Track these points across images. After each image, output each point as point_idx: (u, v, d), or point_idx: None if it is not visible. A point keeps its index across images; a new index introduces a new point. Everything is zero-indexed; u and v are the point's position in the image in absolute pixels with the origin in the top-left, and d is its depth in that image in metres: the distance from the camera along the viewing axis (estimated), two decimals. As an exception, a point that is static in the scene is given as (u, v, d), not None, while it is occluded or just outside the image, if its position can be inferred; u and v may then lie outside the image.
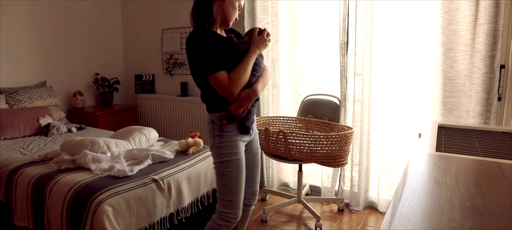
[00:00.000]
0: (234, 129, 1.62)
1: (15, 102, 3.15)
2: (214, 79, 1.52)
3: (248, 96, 1.59)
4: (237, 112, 1.58)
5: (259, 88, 1.63)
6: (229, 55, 1.55)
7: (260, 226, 2.58)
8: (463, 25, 2.33)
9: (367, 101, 2.72)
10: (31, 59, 3.48)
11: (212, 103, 1.61)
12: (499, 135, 1.61)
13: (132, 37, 4.29)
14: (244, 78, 1.55)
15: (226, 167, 1.62)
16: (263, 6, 3.05)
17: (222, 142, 1.61)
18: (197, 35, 1.53)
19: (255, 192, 1.86)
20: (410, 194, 0.89)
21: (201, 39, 1.51)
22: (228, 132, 1.61)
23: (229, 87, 1.52)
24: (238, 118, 1.61)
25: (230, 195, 1.63)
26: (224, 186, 1.63)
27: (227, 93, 1.53)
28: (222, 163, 1.62)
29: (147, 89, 4.17)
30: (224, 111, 1.60)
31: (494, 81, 2.27)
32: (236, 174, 1.62)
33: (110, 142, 2.31)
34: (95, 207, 1.72)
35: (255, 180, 1.85)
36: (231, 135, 1.62)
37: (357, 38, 2.72)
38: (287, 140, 2.32)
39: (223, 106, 1.59)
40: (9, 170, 2.15)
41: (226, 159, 1.61)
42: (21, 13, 3.36)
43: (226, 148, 1.61)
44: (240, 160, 1.64)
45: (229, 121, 1.61)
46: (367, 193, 2.86)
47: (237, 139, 1.64)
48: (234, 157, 1.62)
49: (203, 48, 1.51)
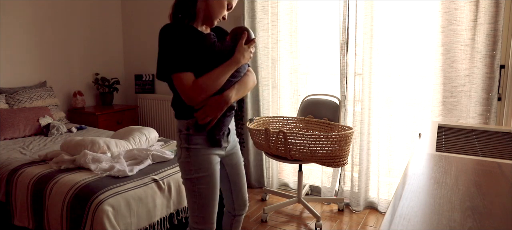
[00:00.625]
0: (202, 141, 1.43)
1: (15, 102, 3.15)
2: (176, 80, 1.33)
3: (217, 104, 1.38)
4: (204, 121, 1.38)
5: (231, 96, 1.40)
6: (202, 55, 1.36)
7: (260, 226, 2.58)
8: (463, 25, 2.33)
9: (367, 101, 2.72)
10: (31, 59, 3.48)
11: (180, 108, 1.43)
12: (499, 135, 1.61)
13: (132, 37, 4.29)
14: (213, 87, 1.35)
15: (196, 184, 1.44)
16: (263, 6, 3.05)
17: (189, 156, 1.43)
18: (170, 27, 1.35)
19: (244, 202, 1.72)
20: (410, 194, 0.89)
21: (172, 33, 1.33)
22: (196, 144, 1.42)
23: (190, 92, 1.32)
24: (207, 128, 1.41)
25: (201, 211, 1.47)
26: (195, 202, 1.46)
27: (188, 98, 1.34)
28: (191, 179, 1.44)
29: (147, 89, 4.17)
30: (191, 119, 1.41)
31: (494, 81, 2.27)
32: (207, 190, 1.45)
33: (110, 142, 2.32)
34: (95, 207, 1.72)
35: (242, 191, 1.70)
36: (199, 148, 1.43)
37: (357, 38, 2.72)
38: (287, 140, 2.32)
39: (190, 113, 1.40)
40: (9, 170, 2.15)
41: (195, 175, 1.43)
42: (21, 13, 3.36)
43: (195, 164, 1.43)
44: (211, 176, 1.45)
45: (197, 131, 1.41)
46: (367, 193, 2.86)
47: (207, 152, 1.44)
48: (204, 173, 1.44)
49: (172, 42, 1.32)
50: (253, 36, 1.48)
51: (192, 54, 1.35)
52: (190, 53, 1.34)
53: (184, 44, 1.34)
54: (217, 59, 1.38)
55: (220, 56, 1.38)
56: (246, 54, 1.43)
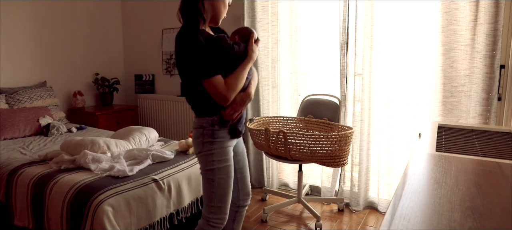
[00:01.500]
0: (225, 134, 1.57)
1: (15, 102, 3.15)
2: (209, 84, 1.45)
3: (242, 100, 1.55)
4: (232, 117, 1.53)
5: (252, 92, 1.60)
6: (225, 58, 1.48)
7: (260, 226, 2.58)
8: (463, 25, 2.33)
9: (367, 101, 2.72)
10: (31, 59, 3.48)
11: (203, 107, 1.54)
12: (499, 135, 1.61)
13: (132, 37, 4.29)
14: (241, 84, 1.52)
15: (217, 174, 1.56)
16: (263, 6, 3.05)
17: (214, 148, 1.55)
18: (191, 34, 1.43)
19: (249, 192, 1.84)
20: (410, 194, 0.89)
21: (196, 39, 1.42)
22: (220, 137, 1.55)
23: (225, 93, 1.47)
24: (231, 122, 1.56)
25: (218, 201, 1.58)
26: (213, 192, 1.58)
27: (223, 99, 1.47)
28: (212, 170, 1.56)
29: (147, 89, 4.17)
30: (216, 116, 1.53)
31: (494, 81, 2.27)
32: (225, 181, 1.58)
33: (110, 142, 2.32)
34: (95, 207, 1.72)
35: (246, 180, 1.82)
36: (223, 141, 1.56)
37: (357, 38, 2.72)
38: (287, 140, 2.32)
39: (215, 110, 1.53)
40: (9, 170, 2.15)
41: (217, 166, 1.56)
42: (21, 13, 3.36)
43: (217, 155, 1.55)
44: (230, 166, 1.59)
45: (221, 126, 1.54)
46: (367, 193, 2.85)
47: (228, 144, 1.59)
48: (225, 163, 1.57)
49: (198, 49, 1.41)
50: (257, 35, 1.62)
51: (216, 58, 1.46)
52: (215, 57, 1.46)
53: (209, 50, 1.44)
54: (236, 59, 1.52)
55: (238, 57, 1.53)
56: (256, 52, 1.59)
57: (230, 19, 3.34)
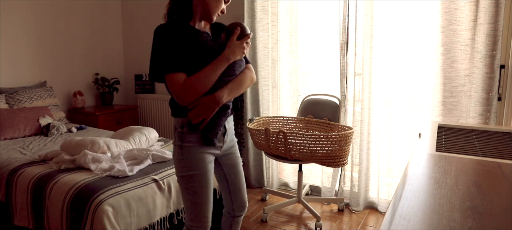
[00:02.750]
0: (196, 139, 1.43)
1: (15, 102, 3.15)
2: (169, 80, 1.34)
3: (208, 104, 1.37)
4: (196, 120, 1.38)
5: (222, 96, 1.38)
6: (194, 54, 1.34)
7: (260, 226, 2.58)
8: (463, 25, 2.33)
9: (367, 101, 2.72)
10: (31, 59, 3.48)
11: (175, 106, 1.43)
12: (499, 135, 1.61)
13: (132, 37, 4.29)
14: (203, 86, 1.34)
15: (189, 181, 1.45)
16: (263, 6, 3.05)
17: (183, 154, 1.44)
18: (162, 28, 1.35)
19: (243, 203, 1.72)
20: (410, 194, 0.89)
21: (165, 33, 1.34)
22: (189, 142, 1.43)
23: (181, 92, 1.32)
24: (200, 127, 1.41)
25: (195, 210, 1.48)
26: (189, 200, 1.48)
27: (179, 99, 1.34)
28: (184, 177, 1.46)
29: (147, 89, 4.17)
30: (186, 118, 1.41)
31: (494, 81, 2.27)
32: (200, 189, 1.46)
33: (110, 142, 2.32)
34: (95, 207, 1.72)
35: (240, 192, 1.69)
36: (192, 147, 1.43)
37: (357, 38, 2.72)
38: (287, 140, 2.32)
39: (185, 112, 1.40)
40: (9, 170, 2.15)
41: (187, 173, 1.44)
42: (21, 13, 3.36)
43: (187, 161, 1.44)
44: (203, 174, 1.46)
45: (190, 130, 1.42)
46: (367, 193, 2.86)
47: (201, 150, 1.45)
48: (196, 171, 1.44)
49: (164, 42, 1.33)
50: (248, 31, 1.43)
51: (184, 54, 1.34)
52: (182, 53, 1.34)
53: (176, 44, 1.33)
54: (209, 57, 1.35)
55: (213, 54, 1.36)
56: (237, 50, 1.39)
57: (230, 19, 3.34)
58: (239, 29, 1.40)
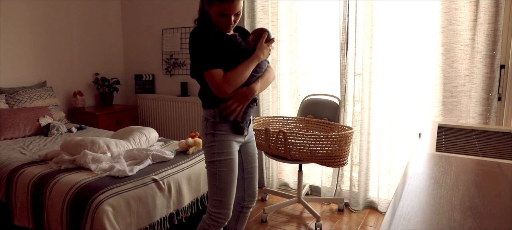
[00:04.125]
0: (227, 128, 1.59)
1: (15, 102, 3.15)
2: (209, 76, 1.50)
3: (244, 94, 1.56)
4: (230, 109, 1.55)
5: (256, 88, 1.60)
6: (229, 53, 1.53)
7: (260, 226, 2.58)
8: (463, 25, 2.33)
9: (367, 101, 2.72)
10: (31, 59, 3.48)
11: (207, 99, 1.59)
12: (499, 135, 1.61)
13: (132, 37, 4.29)
14: (240, 80, 1.53)
15: (218, 167, 1.59)
16: (263, 6, 3.05)
17: (214, 141, 1.58)
18: (200, 30, 1.51)
19: (254, 194, 1.84)
20: (410, 194, 0.89)
21: (203, 34, 1.50)
22: (221, 130, 1.58)
23: (221, 86, 1.49)
24: (232, 116, 1.57)
25: (220, 195, 1.61)
26: (215, 185, 1.60)
27: (219, 91, 1.51)
28: (214, 162, 1.59)
29: (147, 89, 4.17)
30: (218, 109, 1.57)
31: (494, 81, 2.27)
32: (227, 174, 1.60)
33: (110, 142, 2.31)
34: (95, 207, 1.72)
35: (253, 182, 1.82)
36: (224, 134, 1.59)
37: (357, 38, 2.72)
38: (287, 140, 2.32)
39: (217, 103, 1.57)
40: (9, 170, 2.15)
41: (217, 158, 1.59)
42: (21, 13, 3.36)
43: (218, 147, 1.58)
44: (232, 160, 1.60)
45: (222, 119, 1.58)
46: (367, 193, 2.86)
47: (230, 138, 1.60)
48: (226, 156, 1.59)
49: (203, 43, 1.49)
50: (272, 36, 1.67)
51: (221, 53, 1.51)
52: (219, 52, 1.51)
53: (213, 45, 1.50)
54: (243, 56, 1.55)
55: (245, 54, 1.56)
56: (266, 51, 1.61)
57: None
58: (267, 34, 1.63)
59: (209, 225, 1.64)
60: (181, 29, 3.83)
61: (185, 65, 3.88)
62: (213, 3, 1.48)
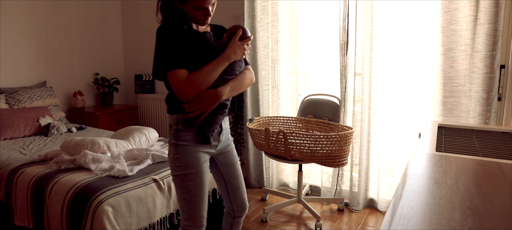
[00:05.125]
0: (191, 137, 1.44)
1: (15, 102, 3.15)
2: (171, 77, 1.35)
3: (209, 98, 1.39)
4: (193, 114, 1.39)
5: (224, 92, 1.41)
6: (197, 53, 1.38)
7: (260, 226, 2.58)
8: (463, 25, 2.33)
9: (367, 101, 2.72)
10: (31, 59, 3.48)
11: (171, 104, 1.45)
12: (499, 135, 1.61)
13: (132, 37, 4.29)
14: (205, 82, 1.36)
15: (183, 181, 1.46)
16: (263, 6, 3.05)
17: (177, 152, 1.44)
18: (167, 26, 1.38)
19: (242, 204, 1.70)
20: (410, 194, 0.89)
21: (170, 31, 1.37)
22: (184, 140, 1.44)
23: (183, 88, 1.34)
24: (196, 122, 1.41)
25: (190, 209, 1.48)
26: (184, 199, 1.48)
27: (181, 94, 1.36)
28: (178, 176, 1.46)
29: (147, 89, 4.17)
30: (181, 114, 1.42)
31: (494, 81, 2.27)
32: (195, 188, 1.46)
33: (110, 142, 2.32)
34: (95, 207, 1.72)
35: (239, 191, 1.68)
36: (187, 145, 1.44)
37: (357, 38, 2.72)
38: (287, 140, 2.32)
39: (181, 107, 1.41)
40: (9, 170, 2.15)
41: (181, 172, 1.45)
42: (21, 13, 3.36)
43: (182, 160, 1.44)
44: (198, 173, 1.46)
45: (186, 126, 1.43)
46: (367, 193, 2.86)
47: (196, 149, 1.45)
48: (191, 170, 1.45)
49: (168, 40, 1.36)
50: (249, 34, 1.48)
51: (186, 52, 1.37)
52: (185, 51, 1.37)
53: (179, 43, 1.36)
54: (211, 56, 1.39)
55: (215, 54, 1.40)
56: (238, 50, 1.44)
57: (230, 19, 3.35)
58: (241, 31, 1.45)
59: None
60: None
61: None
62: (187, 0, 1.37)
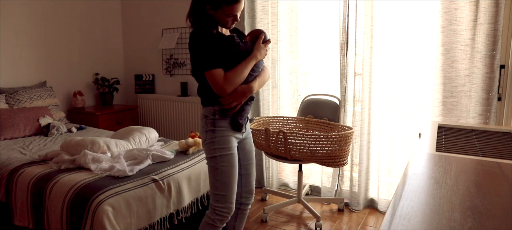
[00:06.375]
0: (227, 124, 1.65)
1: (15, 102, 3.15)
2: (209, 76, 1.56)
3: (243, 92, 1.63)
4: (230, 106, 1.61)
5: (254, 86, 1.67)
6: (229, 54, 1.59)
7: (260, 226, 2.58)
8: (463, 25, 2.33)
9: (367, 101, 2.72)
10: (31, 59, 3.48)
11: (207, 97, 1.65)
12: (499, 135, 1.61)
13: (132, 37, 4.29)
14: (239, 79, 1.60)
15: (219, 162, 1.64)
16: (263, 6, 3.05)
17: (215, 137, 1.64)
18: (201, 31, 1.57)
19: (251, 190, 1.89)
20: (410, 194, 0.89)
21: (204, 36, 1.56)
22: (221, 127, 1.64)
23: (222, 85, 1.56)
24: (231, 112, 1.64)
25: (223, 189, 1.65)
26: (217, 180, 1.65)
27: (220, 90, 1.57)
28: (215, 157, 1.65)
29: (147, 89, 4.17)
30: (218, 106, 1.63)
31: (494, 81, 2.27)
32: (228, 169, 1.65)
33: (110, 142, 2.31)
34: (95, 207, 1.72)
35: (250, 178, 1.87)
36: (224, 130, 1.65)
37: (357, 38, 2.72)
38: (287, 140, 2.32)
39: (217, 100, 1.63)
40: (9, 170, 2.15)
41: (219, 154, 1.64)
42: (21, 13, 3.36)
43: (219, 143, 1.64)
44: (232, 155, 1.66)
45: (222, 116, 1.64)
46: (367, 193, 2.86)
47: (230, 134, 1.66)
48: (227, 152, 1.65)
49: (204, 43, 1.55)
50: (268, 37, 1.75)
51: (220, 53, 1.57)
52: (219, 53, 1.57)
53: (214, 46, 1.56)
54: (241, 56, 1.62)
55: (244, 54, 1.63)
56: (263, 51, 1.68)
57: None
58: (264, 35, 1.70)
59: (214, 220, 1.68)
60: (181, 29, 3.83)
61: (185, 65, 3.88)
62: (220, 7, 1.56)
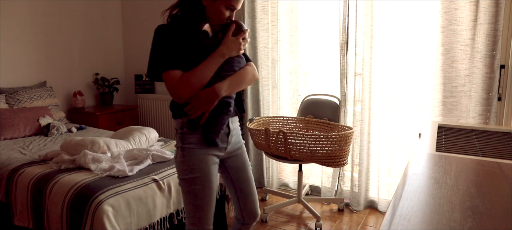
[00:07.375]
0: (197, 140, 1.40)
1: (15, 102, 3.15)
2: (166, 77, 1.32)
3: (206, 96, 1.33)
4: (195, 115, 1.35)
5: (222, 88, 1.35)
6: (191, 52, 1.34)
7: (260, 226, 2.58)
8: (463, 25, 2.33)
9: (367, 101, 2.72)
10: (31, 59, 3.48)
11: (175, 108, 1.41)
12: (499, 135, 1.61)
13: (132, 37, 4.29)
14: (198, 80, 1.31)
15: (191, 184, 1.42)
16: (263, 6, 3.05)
17: (184, 156, 1.41)
18: (163, 27, 1.36)
19: (253, 212, 1.62)
20: (410, 194, 0.89)
21: (165, 32, 1.34)
22: (190, 143, 1.40)
23: (176, 88, 1.30)
24: (200, 123, 1.37)
25: (196, 213, 1.43)
26: (190, 203, 1.43)
27: (175, 95, 1.32)
28: (185, 180, 1.42)
29: (147, 89, 4.17)
30: (185, 117, 1.38)
31: (494, 81, 2.27)
32: (202, 192, 1.42)
33: (110, 142, 2.31)
34: (95, 207, 1.72)
35: (250, 198, 1.60)
36: (194, 148, 1.40)
37: (357, 38, 2.72)
38: (287, 140, 2.32)
39: (184, 111, 1.36)
40: (9, 170, 2.15)
41: (189, 175, 1.41)
42: (21, 13, 3.36)
43: (188, 164, 1.40)
44: (205, 177, 1.42)
45: (191, 130, 1.39)
46: (367, 193, 2.86)
47: (202, 152, 1.41)
48: (198, 173, 1.40)
49: (162, 42, 1.33)
50: (245, 28, 1.40)
51: (181, 52, 1.33)
52: (179, 51, 1.33)
53: (174, 43, 1.33)
54: (206, 55, 1.34)
55: (208, 52, 1.35)
56: (233, 46, 1.37)
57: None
58: (234, 25, 1.38)
59: None
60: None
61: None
62: None
